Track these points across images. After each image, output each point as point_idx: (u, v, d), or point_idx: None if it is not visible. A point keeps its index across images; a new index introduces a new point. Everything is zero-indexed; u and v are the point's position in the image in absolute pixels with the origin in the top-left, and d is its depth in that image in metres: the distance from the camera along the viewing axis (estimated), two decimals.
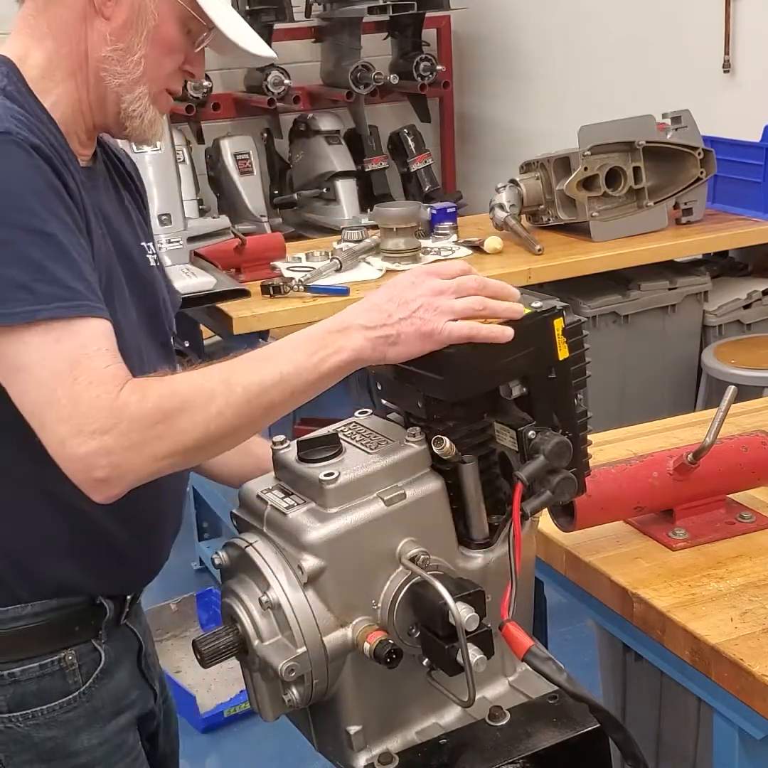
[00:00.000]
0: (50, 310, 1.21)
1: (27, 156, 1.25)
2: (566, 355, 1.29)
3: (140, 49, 1.38)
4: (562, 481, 1.27)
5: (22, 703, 1.39)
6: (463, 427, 1.29)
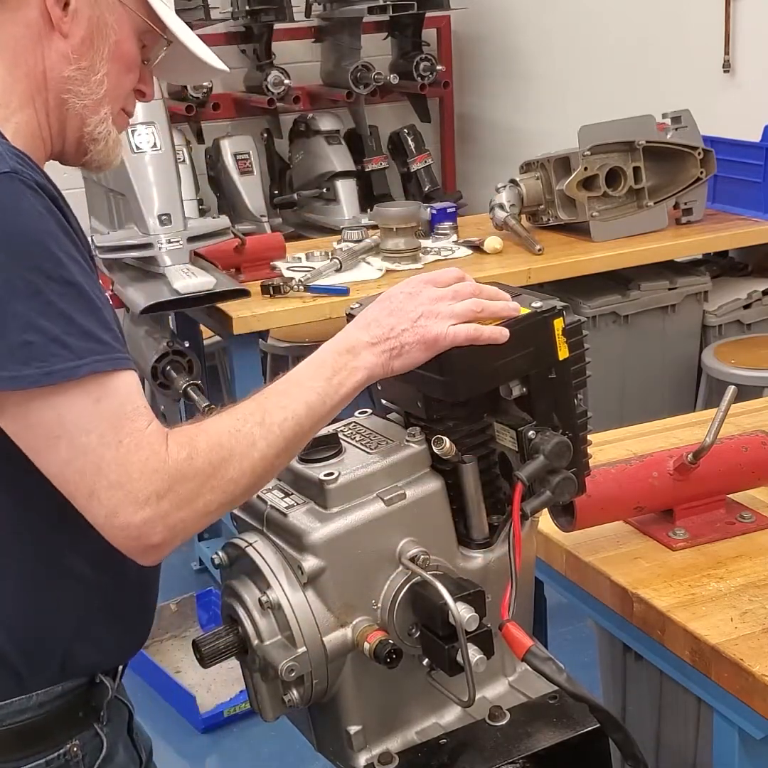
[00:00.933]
0: (89, 365, 1.12)
1: (36, 196, 1.16)
2: (566, 355, 1.29)
3: (102, 67, 1.27)
4: (562, 481, 1.27)
5: None
6: (463, 427, 1.29)
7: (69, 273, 1.14)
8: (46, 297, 1.12)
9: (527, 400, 1.29)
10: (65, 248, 1.16)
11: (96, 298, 1.17)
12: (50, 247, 1.14)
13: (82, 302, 1.14)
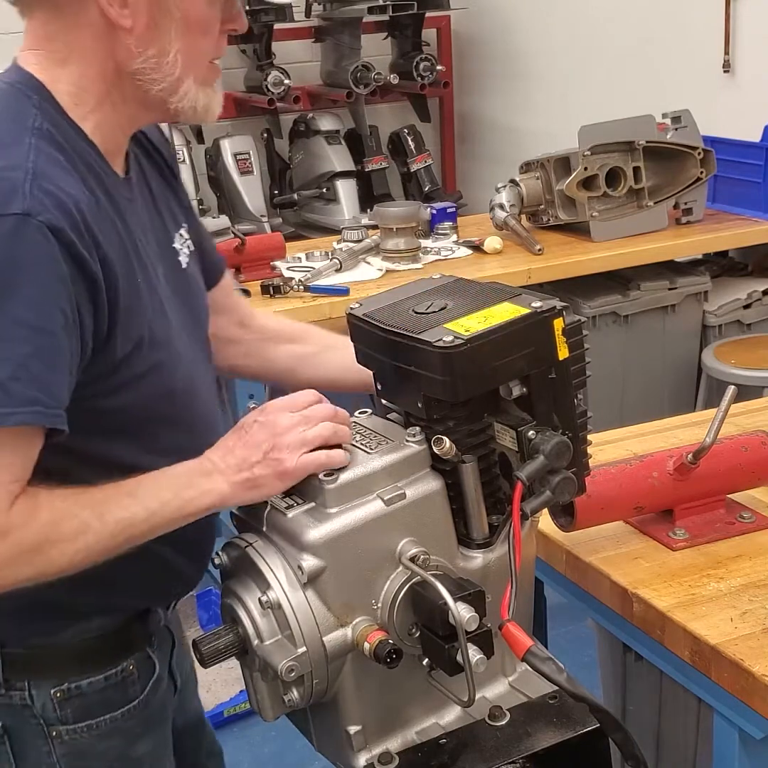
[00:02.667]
0: (23, 415, 1.18)
1: (43, 243, 1.18)
2: (566, 355, 1.29)
3: (173, 47, 1.29)
4: (562, 481, 1.27)
5: (87, 714, 1.42)
6: (463, 427, 1.29)
7: (45, 322, 1.18)
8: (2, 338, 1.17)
9: (527, 400, 1.29)
10: (46, 298, 1.18)
11: (65, 354, 1.21)
12: (24, 293, 1.17)
13: (36, 348, 1.18)
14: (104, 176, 1.32)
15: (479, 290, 1.39)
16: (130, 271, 1.31)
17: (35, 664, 1.40)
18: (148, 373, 1.34)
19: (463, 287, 1.42)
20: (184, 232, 1.51)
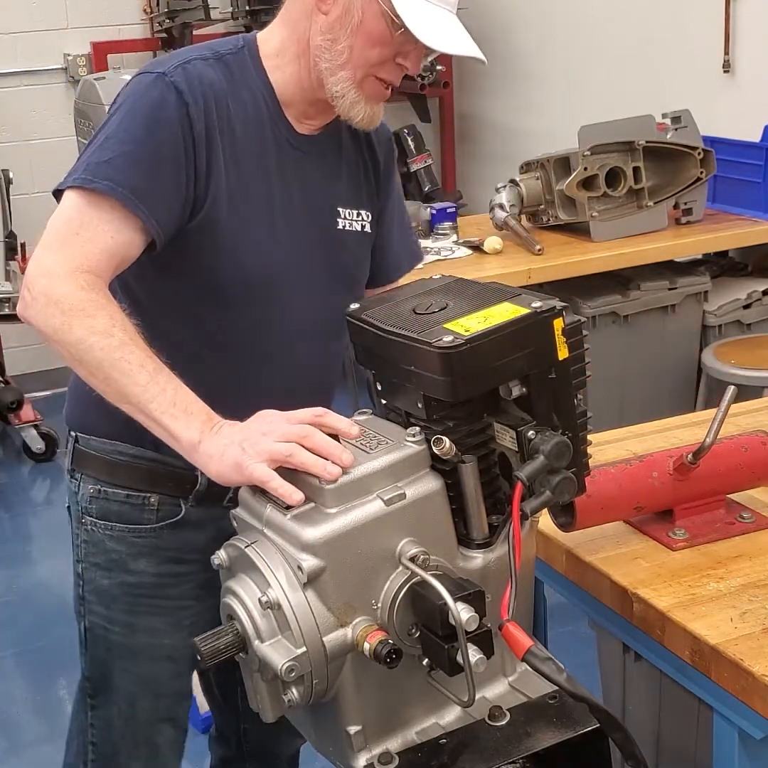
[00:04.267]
0: (100, 184, 1.51)
1: (168, 91, 1.56)
2: (566, 355, 1.29)
3: (345, 40, 1.60)
4: (562, 481, 1.27)
5: (106, 515, 1.74)
6: (463, 427, 1.29)
7: (139, 135, 1.55)
8: (115, 138, 1.56)
9: (527, 400, 1.29)
10: (155, 125, 1.55)
11: (155, 169, 1.54)
12: (142, 117, 1.56)
13: (135, 154, 1.54)
14: (271, 116, 1.66)
15: (479, 290, 1.39)
16: (244, 174, 1.62)
17: (84, 461, 1.75)
18: (216, 266, 1.62)
19: (463, 287, 1.42)
20: (365, 216, 1.78)
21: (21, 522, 4.48)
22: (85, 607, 1.81)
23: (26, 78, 5.36)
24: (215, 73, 1.62)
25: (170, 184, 1.56)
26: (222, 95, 1.61)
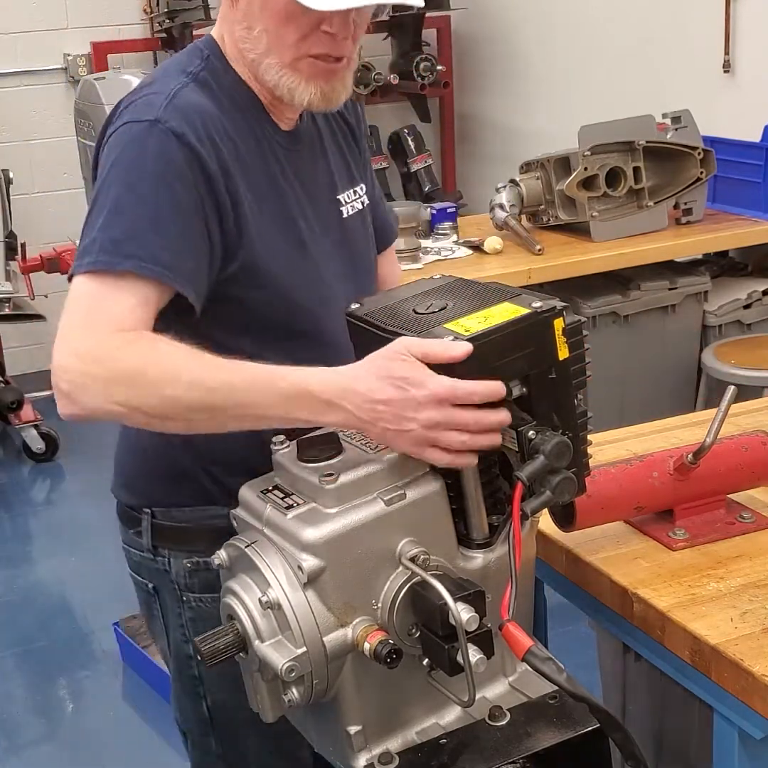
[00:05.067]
0: (124, 264, 1.37)
1: (166, 140, 1.42)
2: (566, 355, 1.29)
3: (257, 24, 1.48)
4: (562, 481, 1.27)
5: (212, 586, 1.52)
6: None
7: (150, 193, 1.40)
8: (125, 208, 1.40)
9: (527, 400, 1.29)
10: (164, 180, 1.41)
11: (177, 227, 1.41)
12: (147, 176, 1.41)
13: (151, 217, 1.40)
14: (258, 121, 1.55)
15: (479, 290, 1.39)
16: (259, 192, 1.51)
17: (173, 536, 1.61)
18: (263, 289, 1.50)
19: (463, 287, 1.42)
20: (360, 190, 1.70)
21: (21, 522, 4.48)
22: (205, 686, 1.68)
23: (26, 78, 5.36)
24: (201, 97, 1.50)
25: (198, 240, 1.43)
26: (216, 118, 1.49)
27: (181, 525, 1.60)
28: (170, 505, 1.61)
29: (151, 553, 1.64)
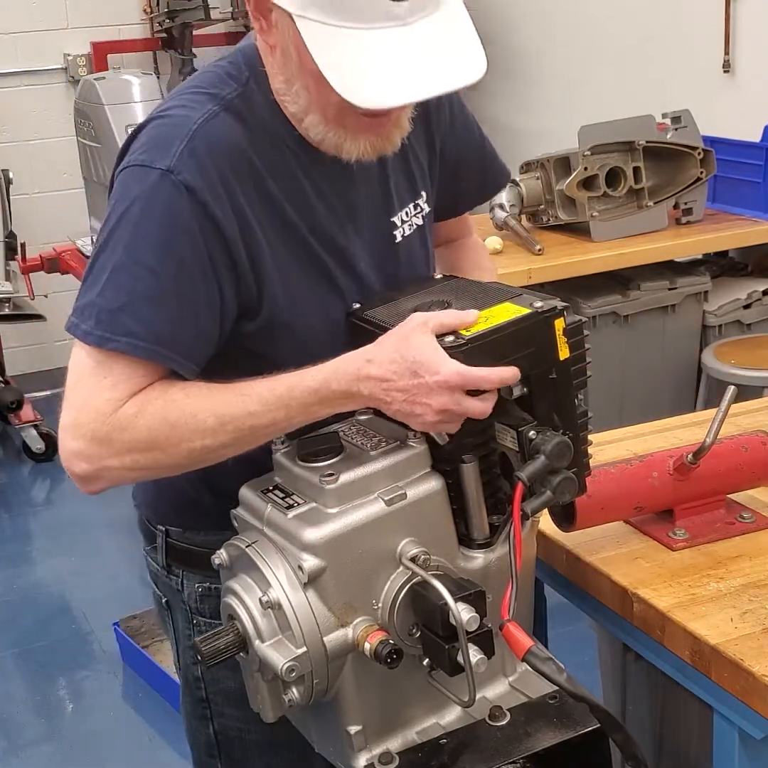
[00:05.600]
0: (119, 344, 1.31)
1: (177, 196, 1.31)
2: (567, 355, 1.29)
3: (297, 81, 1.33)
4: (562, 481, 1.27)
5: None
6: (464, 427, 1.29)
7: (161, 267, 1.31)
8: (123, 273, 1.31)
9: (528, 400, 1.29)
10: (170, 244, 1.31)
11: (181, 299, 1.32)
12: (151, 238, 1.31)
13: (150, 289, 1.31)
14: (296, 154, 1.40)
15: (480, 290, 1.39)
16: (290, 236, 1.40)
17: (187, 558, 1.58)
18: (283, 341, 1.42)
19: (464, 287, 1.42)
20: (421, 202, 1.56)
21: (21, 522, 4.49)
22: (211, 709, 1.64)
23: (26, 78, 5.36)
24: (229, 129, 1.36)
25: (203, 310, 1.34)
26: (242, 153, 1.36)
27: (194, 548, 1.57)
28: (184, 527, 1.59)
29: (165, 570, 1.62)
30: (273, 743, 1.59)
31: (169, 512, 1.61)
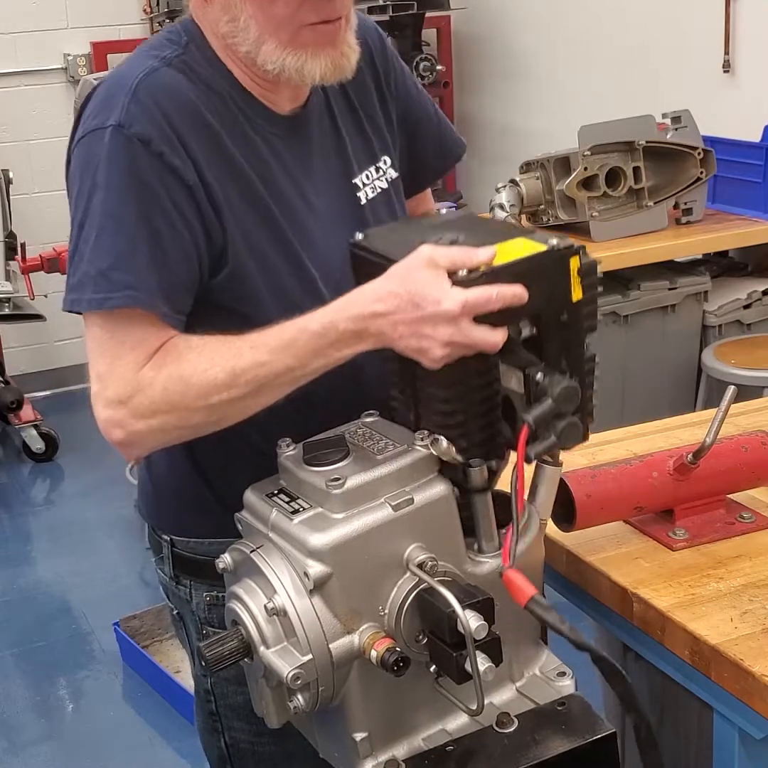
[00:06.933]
0: (119, 299, 1.33)
1: (133, 151, 1.34)
2: (580, 296, 1.26)
3: (242, 12, 1.37)
4: (567, 426, 1.24)
5: None
6: (470, 366, 1.25)
7: (128, 215, 1.33)
8: (104, 234, 1.34)
9: (536, 341, 1.26)
10: (137, 198, 1.33)
11: (159, 234, 1.34)
12: (120, 193, 1.33)
13: (133, 241, 1.33)
14: (246, 112, 1.43)
15: (492, 226, 1.34)
16: (246, 191, 1.41)
17: (193, 568, 1.57)
18: (251, 298, 1.43)
19: (475, 222, 1.38)
20: (383, 165, 1.58)
21: (21, 522, 4.48)
22: (222, 723, 1.63)
23: (26, 78, 5.35)
24: (172, 80, 1.39)
25: (181, 257, 1.37)
26: (191, 106, 1.38)
27: (200, 558, 1.56)
28: (189, 536, 1.58)
29: (174, 581, 1.62)
30: (287, 753, 1.58)
31: (173, 520, 1.60)
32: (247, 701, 1.45)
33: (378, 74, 1.59)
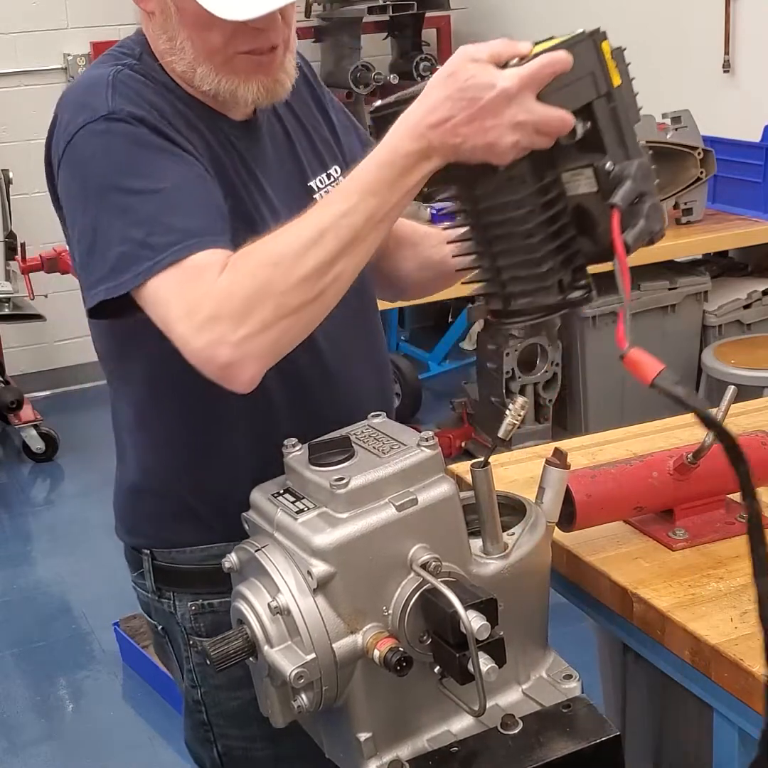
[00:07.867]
0: (168, 257, 1.28)
1: (131, 128, 1.35)
2: (619, 82, 1.24)
3: (179, 35, 1.40)
4: (652, 207, 1.20)
5: (218, 629, 1.42)
6: (528, 183, 1.23)
7: (155, 183, 1.32)
8: (130, 210, 1.31)
9: (592, 134, 1.23)
10: (155, 162, 1.33)
11: (190, 189, 1.34)
12: (136, 168, 1.33)
13: (160, 204, 1.31)
14: (202, 115, 1.44)
15: None
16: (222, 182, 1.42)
17: (175, 578, 1.56)
18: None
19: None
20: (335, 173, 1.59)
21: (21, 522, 4.49)
22: (214, 731, 1.61)
23: (26, 78, 5.36)
24: (137, 83, 1.41)
25: (211, 186, 1.38)
26: (156, 105, 1.41)
27: (182, 567, 1.55)
28: (169, 546, 1.56)
29: (156, 595, 1.59)
30: (281, 756, 1.57)
31: (152, 532, 1.59)
32: (241, 706, 1.46)
33: (315, 92, 1.64)
